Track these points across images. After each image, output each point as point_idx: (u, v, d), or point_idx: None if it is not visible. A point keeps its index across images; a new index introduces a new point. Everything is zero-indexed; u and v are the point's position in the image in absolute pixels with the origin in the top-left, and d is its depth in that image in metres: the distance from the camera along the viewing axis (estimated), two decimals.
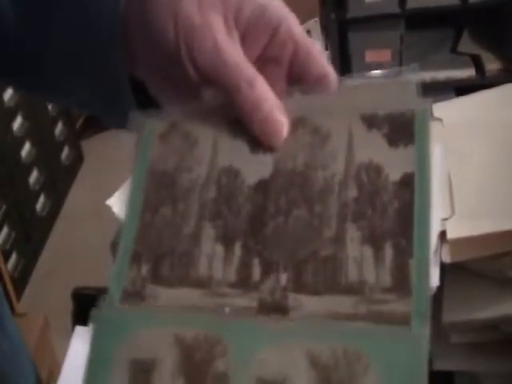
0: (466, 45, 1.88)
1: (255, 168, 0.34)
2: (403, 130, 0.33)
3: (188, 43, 0.35)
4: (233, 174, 0.34)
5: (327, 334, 0.30)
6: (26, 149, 2.10)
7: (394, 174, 0.32)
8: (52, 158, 2.31)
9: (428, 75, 1.82)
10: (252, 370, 0.30)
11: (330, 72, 0.37)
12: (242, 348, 0.30)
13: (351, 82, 0.37)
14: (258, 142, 0.34)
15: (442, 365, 0.64)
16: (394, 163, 0.33)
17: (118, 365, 0.31)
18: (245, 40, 0.37)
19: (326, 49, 1.86)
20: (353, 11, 1.78)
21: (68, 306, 0.75)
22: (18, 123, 2.05)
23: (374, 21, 1.79)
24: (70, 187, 2.43)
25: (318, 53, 0.37)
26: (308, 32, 2.03)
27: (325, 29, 1.86)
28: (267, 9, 0.37)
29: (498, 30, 1.83)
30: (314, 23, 1.98)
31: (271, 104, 0.34)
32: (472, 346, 0.64)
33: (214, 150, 0.35)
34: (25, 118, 2.07)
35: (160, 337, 0.31)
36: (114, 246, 0.35)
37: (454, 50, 1.89)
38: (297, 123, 0.34)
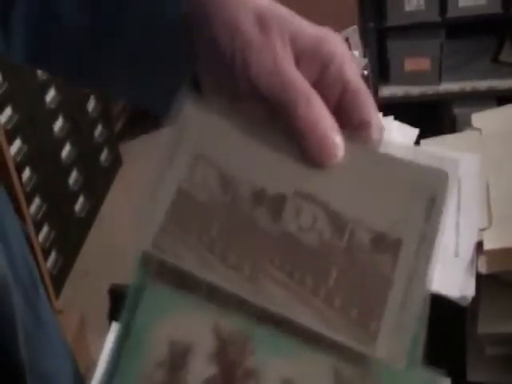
0: (508, 54, 1.85)
1: None
2: None
3: (244, 58, 0.36)
4: None
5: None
6: (67, 150, 2.14)
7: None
8: (91, 160, 2.35)
9: (468, 85, 1.80)
10: (279, 371, 0.31)
11: (375, 122, 0.36)
12: (268, 352, 0.32)
13: (390, 148, 0.35)
14: (313, 160, 0.34)
15: (476, 376, 0.64)
16: None
17: (158, 342, 0.32)
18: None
19: (365, 56, 1.86)
20: (392, 19, 1.77)
21: (104, 305, 0.76)
22: (58, 124, 2.09)
23: (414, 29, 1.78)
24: (109, 189, 2.47)
25: (366, 98, 0.36)
26: (347, 40, 2.02)
27: (364, 37, 1.86)
28: (322, 42, 0.36)
29: None
30: (353, 31, 1.98)
31: (327, 124, 0.34)
32: (507, 358, 0.63)
33: None
34: (66, 119, 2.11)
35: (200, 323, 0.32)
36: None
37: (495, 59, 1.87)
38: None
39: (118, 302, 0.34)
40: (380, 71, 1.80)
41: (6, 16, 0.45)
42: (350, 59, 0.36)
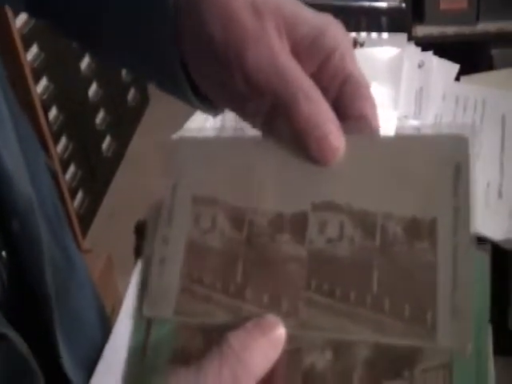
0: None
1: None
2: None
3: (238, 48, 0.33)
4: None
5: None
6: (93, 88, 2.12)
7: None
8: (118, 99, 2.33)
9: (507, 25, 1.74)
10: None
11: (372, 115, 0.34)
12: None
13: (396, 136, 0.33)
14: (313, 159, 0.32)
15: None
16: None
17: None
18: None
19: None
20: None
21: (130, 245, 0.76)
22: (85, 63, 2.07)
23: None
24: (136, 128, 2.46)
25: (367, 91, 0.35)
26: None
27: None
28: (323, 33, 0.34)
29: None
30: None
31: (328, 121, 0.32)
32: None
33: None
34: (93, 58, 2.09)
35: None
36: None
37: None
38: None
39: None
40: (414, 10, 1.73)
41: None
42: (351, 50, 0.35)
